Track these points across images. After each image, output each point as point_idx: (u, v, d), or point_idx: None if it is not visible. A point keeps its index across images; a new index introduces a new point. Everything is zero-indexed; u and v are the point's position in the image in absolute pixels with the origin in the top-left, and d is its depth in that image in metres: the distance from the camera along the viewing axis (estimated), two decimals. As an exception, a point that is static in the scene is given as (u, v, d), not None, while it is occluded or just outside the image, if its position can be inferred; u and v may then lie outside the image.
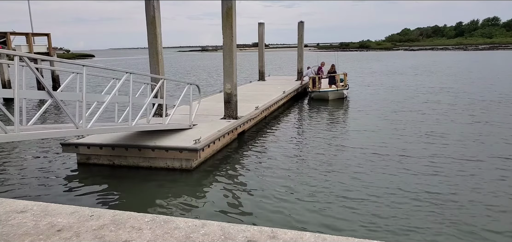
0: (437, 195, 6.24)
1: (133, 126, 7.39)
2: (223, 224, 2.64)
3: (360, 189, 6.61)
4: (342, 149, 9.18)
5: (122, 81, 7.26)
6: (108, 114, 11.62)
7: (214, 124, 9.82)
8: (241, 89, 16.18)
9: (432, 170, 7.45)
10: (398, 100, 16.71)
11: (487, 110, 13.72)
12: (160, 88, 8.75)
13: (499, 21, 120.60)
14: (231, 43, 10.21)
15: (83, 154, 8.26)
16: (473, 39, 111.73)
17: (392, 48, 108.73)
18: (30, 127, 5.80)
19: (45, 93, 5.62)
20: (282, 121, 13.14)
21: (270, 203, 6.12)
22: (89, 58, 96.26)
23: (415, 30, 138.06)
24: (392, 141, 9.83)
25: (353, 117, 13.36)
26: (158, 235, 2.50)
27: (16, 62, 4.87)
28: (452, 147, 9.06)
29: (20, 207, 3.05)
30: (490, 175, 7.17)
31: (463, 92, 18.55)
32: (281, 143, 10.04)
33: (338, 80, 17.07)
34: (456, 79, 25.28)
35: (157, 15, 10.32)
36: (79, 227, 2.67)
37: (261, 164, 8.21)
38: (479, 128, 11.14)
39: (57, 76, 23.53)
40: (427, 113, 13.42)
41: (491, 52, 69.17)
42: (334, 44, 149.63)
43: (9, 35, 21.16)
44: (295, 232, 2.46)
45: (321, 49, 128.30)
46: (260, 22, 21.75)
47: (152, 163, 7.92)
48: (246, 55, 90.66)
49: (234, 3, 10.03)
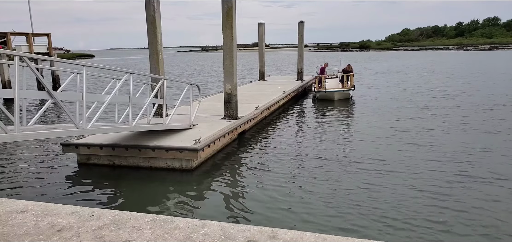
0: (441, 196, 6.23)
1: (133, 126, 7.39)
2: (223, 224, 2.64)
3: (361, 189, 6.60)
4: (344, 149, 9.18)
5: (122, 81, 7.26)
6: (108, 114, 11.63)
7: (214, 124, 9.82)
8: (241, 89, 16.17)
9: (437, 174, 7.36)
10: (403, 100, 16.59)
11: (493, 111, 13.71)
12: (160, 88, 8.75)
13: (499, 21, 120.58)
14: (231, 43, 10.21)
15: (83, 154, 8.26)
16: (473, 39, 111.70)
17: (392, 48, 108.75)
18: (30, 127, 5.80)
19: (45, 93, 5.62)
20: (282, 121, 13.14)
21: (270, 203, 6.12)
22: (89, 58, 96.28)
23: (415, 30, 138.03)
24: (396, 140, 9.81)
25: (356, 117, 13.34)
26: (158, 235, 2.50)
27: (16, 62, 4.87)
28: (458, 148, 9.04)
29: (20, 207, 3.05)
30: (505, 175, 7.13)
31: (465, 94, 18.52)
32: (281, 143, 10.03)
33: (346, 79, 16.96)
34: (460, 80, 25.24)
35: (157, 15, 10.32)
36: (79, 227, 2.67)
37: (261, 164, 8.21)
38: (489, 128, 11.10)
39: (57, 76, 23.53)
40: (434, 114, 13.28)
41: (491, 53, 69.12)
42: (334, 44, 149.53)
43: (9, 35, 21.17)
44: (295, 232, 2.46)
45: (321, 49, 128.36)
46: (260, 22, 21.76)
47: (152, 163, 7.92)
48: (246, 55, 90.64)
49: (234, 3, 10.04)
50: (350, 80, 16.93)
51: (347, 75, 16.97)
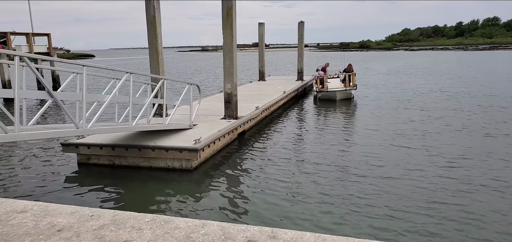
0: (443, 198, 6.23)
1: (133, 126, 7.39)
2: (223, 224, 2.63)
3: (361, 189, 6.60)
4: (344, 149, 9.18)
5: (122, 81, 7.26)
6: (108, 114, 11.64)
7: (214, 124, 9.82)
8: (241, 89, 16.17)
9: (439, 176, 7.32)
10: (405, 101, 16.52)
11: (493, 111, 13.71)
12: (160, 88, 8.75)
13: (499, 21, 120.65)
14: (231, 43, 10.21)
15: (83, 154, 8.26)
16: (473, 39, 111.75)
17: (392, 48, 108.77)
18: (30, 127, 5.80)
19: (45, 93, 5.62)
20: (282, 121, 13.14)
21: (270, 203, 6.12)
22: (89, 58, 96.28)
23: (415, 30, 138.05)
24: (398, 141, 9.80)
25: (357, 117, 13.34)
26: (158, 235, 2.50)
27: (16, 62, 4.87)
28: (458, 149, 9.05)
29: (20, 207, 3.05)
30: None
31: (468, 95, 18.48)
32: (281, 142, 10.03)
33: (348, 79, 16.85)
34: (462, 80, 25.23)
35: (157, 15, 10.33)
36: (79, 227, 2.67)
37: (261, 164, 8.21)
38: (494, 129, 11.11)
39: (57, 76, 23.54)
40: (436, 115, 13.22)
41: (491, 53, 69.11)
42: (334, 44, 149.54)
43: (9, 35, 21.18)
44: (295, 232, 2.46)
45: (321, 49, 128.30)
46: (260, 22, 21.76)
47: (152, 163, 7.92)
48: (246, 55, 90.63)
49: (234, 3, 10.04)
50: (352, 80, 16.78)
51: (349, 75, 16.87)
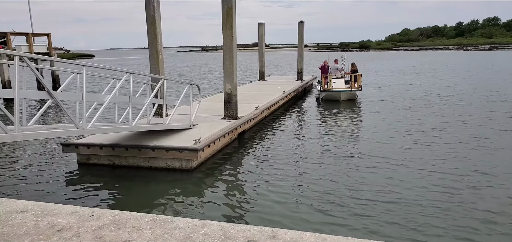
0: (446, 200, 6.22)
1: (133, 126, 7.39)
2: (223, 224, 2.64)
3: (362, 189, 6.59)
4: (345, 149, 9.16)
5: (122, 81, 7.26)
6: (108, 114, 11.64)
7: (214, 124, 9.82)
8: (241, 89, 16.17)
9: (442, 178, 7.28)
10: (409, 101, 16.42)
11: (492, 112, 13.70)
12: (160, 88, 8.75)
13: (499, 21, 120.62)
14: (231, 43, 10.21)
15: (83, 154, 8.26)
16: (473, 39, 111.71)
17: (392, 48, 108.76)
18: (30, 127, 5.80)
19: (45, 93, 5.62)
20: (282, 121, 13.13)
21: (270, 203, 6.12)
22: (89, 58, 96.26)
23: (415, 30, 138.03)
24: (401, 142, 9.77)
25: (359, 118, 13.29)
26: (158, 235, 2.50)
27: (16, 62, 4.87)
28: (459, 149, 9.04)
29: (20, 207, 3.05)
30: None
31: (471, 95, 18.40)
32: (281, 142, 10.03)
33: (353, 80, 16.55)
34: (463, 80, 25.23)
35: (157, 15, 10.33)
36: (79, 227, 2.67)
37: (261, 164, 8.21)
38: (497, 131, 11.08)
39: (57, 76, 23.54)
40: (439, 115, 13.13)
41: (491, 53, 69.10)
42: (334, 44, 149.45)
43: (9, 35, 21.18)
44: (295, 232, 2.46)
45: (321, 49, 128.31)
46: (260, 22, 21.76)
47: (152, 163, 7.92)
48: (246, 55, 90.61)
49: (234, 3, 10.03)
50: (358, 81, 16.46)
51: (354, 75, 16.64)
